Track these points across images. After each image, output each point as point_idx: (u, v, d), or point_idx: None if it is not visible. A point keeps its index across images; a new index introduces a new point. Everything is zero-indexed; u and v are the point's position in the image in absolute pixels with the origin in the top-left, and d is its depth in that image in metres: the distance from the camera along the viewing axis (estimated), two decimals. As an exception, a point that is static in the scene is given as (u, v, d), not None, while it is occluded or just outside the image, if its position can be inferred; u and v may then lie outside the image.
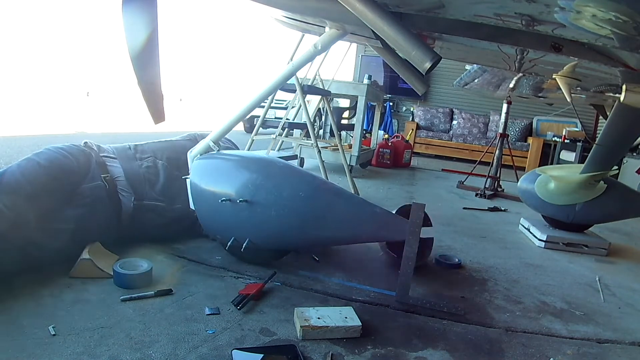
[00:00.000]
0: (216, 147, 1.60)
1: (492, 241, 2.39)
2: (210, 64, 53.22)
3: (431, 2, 1.15)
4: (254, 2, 1.45)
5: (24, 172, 1.35)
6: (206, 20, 77.37)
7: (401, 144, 5.48)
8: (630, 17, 0.89)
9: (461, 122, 7.76)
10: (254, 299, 1.31)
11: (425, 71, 1.09)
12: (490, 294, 1.62)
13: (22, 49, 17.95)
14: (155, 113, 1.43)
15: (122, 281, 1.31)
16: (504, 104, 3.85)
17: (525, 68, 1.99)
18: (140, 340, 1.05)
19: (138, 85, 1.35)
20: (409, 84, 2.27)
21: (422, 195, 3.65)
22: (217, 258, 1.63)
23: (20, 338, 1.00)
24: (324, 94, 3.52)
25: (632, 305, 1.67)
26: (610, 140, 2.19)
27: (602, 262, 2.21)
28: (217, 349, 1.05)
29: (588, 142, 5.88)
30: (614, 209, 2.38)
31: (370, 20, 1.10)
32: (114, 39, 18.91)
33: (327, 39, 1.52)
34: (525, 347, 1.25)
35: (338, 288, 1.50)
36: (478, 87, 3.13)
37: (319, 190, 1.42)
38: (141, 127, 6.82)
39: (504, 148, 3.97)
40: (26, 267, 1.30)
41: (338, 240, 1.59)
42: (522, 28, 1.14)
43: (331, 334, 1.15)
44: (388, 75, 7.90)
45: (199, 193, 1.55)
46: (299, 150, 3.87)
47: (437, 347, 1.18)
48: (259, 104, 1.68)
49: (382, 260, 1.85)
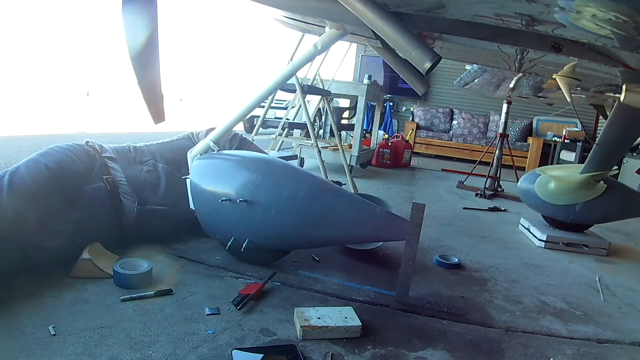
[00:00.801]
0: (216, 147, 1.60)
1: (492, 241, 2.39)
2: (210, 64, 53.23)
3: (431, 2, 1.15)
4: (254, 2, 1.45)
5: (32, 175, 1.35)
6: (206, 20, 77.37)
7: (401, 144, 5.48)
8: (630, 17, 0.89)
9: (461, 122, 7.76)
10: (254, 299, 1.31)
11: (425, 71, 1.09)
12: (490, 294, 1.62)
13: (22, 49, 17.95)
14: (155, 113, 1.43)
15: (122, 281, 1.31)
16: (504, 104, 3.85)
17: (525, 68, 1.99)
18: (140, 340, 1.05)
19: (138, 85, 1.35)
20: (409, 84, 2.27)
21: (422, 195, 3.65)
22: (217, 258, 1.63)
23: (20, 338, 1.00)
24: (324, 94, 3.52)
25: (632, 305, 1.67)
26: (610, 140, 2.19)
27: (602, 262, 2.21)
28: (217, 349, 1.05)
29: (588, 142, 5.88)
30: (614, 209, 2.38)
31: (370, 20, 1.10)
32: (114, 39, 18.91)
33: (327, 39, 1.52)
34: (525, 347, 1.25)
35: (338, 288, 1.50)
36: (478, 87, 3.13)
37: (319, 190, 1.42)
38: (141, 127, 6.82)
39: (504, 148, 3.97)
40: (25, 268, 1.30)
41: (338, 240, 1.59)
42: (522, 28, 1.14)
43: (331, 334, 1.15)
44: (388, 75, 7.90)
45: (199, 193, 1.55)
46: (299, 150, 3.87)
47: (437, 347, 1.18)
48: (259, 104, 1.68)
49: (382, 260, 1.86)
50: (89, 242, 1.42)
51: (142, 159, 1.71)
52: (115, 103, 13.35)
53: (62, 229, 1.38)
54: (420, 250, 2.02)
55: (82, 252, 1.37)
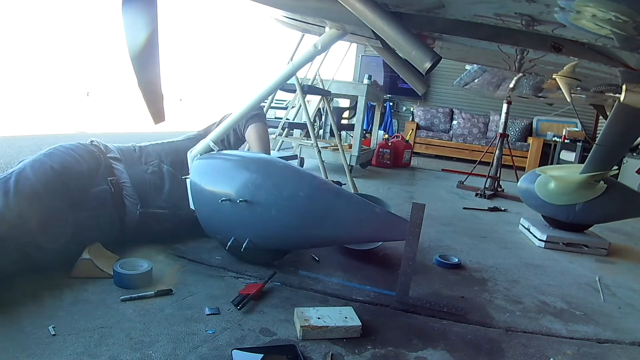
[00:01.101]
0: (216, 147, 1.60)
1: (492, 241, 2.39)
2: (210, 64, 53.20)
3: (431, 2, 1.15)
4: (254, 2, 1.45)
5: (38, 177, 1.34)
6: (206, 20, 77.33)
7: (401, 144, 5.48)
8: (630, 17, 0.89)
9: (461, 122, 7.76)
10: (254, 299, 1.31)
11: (425, 71, 1.09)
12: (490, 294, 1.62)
13: (22, 49, 17.95)
14: (155, 113, 1.43)
15: (122, 281, 1.31)
16: (504, 104, 3.85)
17: (525, 68, 1.99)
18: (140, 340, 1.05)
19: (138, 85, 1.35)
20: (409, 84, 2.27)
21: (422, 195, 3.65)
22: (217, 258, 1.63)
23: (20, 338, 1.00)
24: (324, 94, 3.52)
25: (632, 305, 1.67)
26: (610, 140, 2.19)
27: (602, 262, 2.21)
28: (217, 349, 1.05)
29: (588, 142, 5.88)
30: (614, 209, 2.38)
31: (370, 20, 1.10)
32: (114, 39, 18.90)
33: (327, 39, 1.52)
34: (525, 347, 1.25)
35: (338, 288, 1.50)
36: (478, 87, 3.12)
37: (319, 190, 1.42)
38: (141, 127, 6.82)
39: (504, 148, 3.97)
40: (26, 268, 1.30)
41: (338, 240, 1.59)
42: (522, 28, 1.14)
43: (331, 334, 1.15)
44: (388, 75, 7.90)
45: (199, 193, 1.55)
46: (299, 150, 3.87)
47: (437, 347, 1.18)
48: (259, 104, 1.68)
49: (382, 260, 1.86)
50: (90, 243, 1.42)
51: (147, 159, 1.71)
52: (115, 103, 13.35)
53: (63, 229, 1.38)
54: (420, 250, 2.02)
55: (82, 252, 1.37)
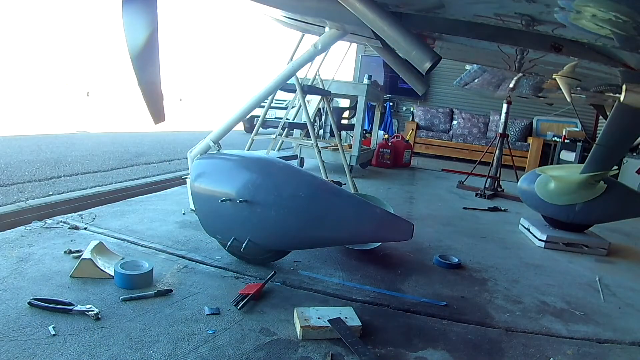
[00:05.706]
0: (216, 147, 1.60)
1: (492, 241, 2.39)
2: (210, 64, 53.19)
3: (431, 2, 1.15)
4: (254, 2, 1.45)
5: None
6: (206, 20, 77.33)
7: (401, 144, 5.48)
8: (630, 17, 0.89)
9: (461, 122, 7.76)
10: (254, 299, 1.31)
11: (425, 71, 1.09)
12: (490, 294, 1.62)
13: (22, 49, 17.94)
14: (155, 113, 1.43)
15: (122, 281, 1.31)
16: (504, 104, 3.85)
17: (525, 68, 1.99)
18: (140, 340, 1.05)
19: (138, 85, 1.35)
20: (409, 84, 2.27)
21: (422, 196, 3.65)
22: (217, 258, 1.63)
23: (20, 338, 1.00)
24: (324, 94, 3.52)
25: (632, 305, 1.67)
26: (610, 140, 2.19)
27: (602, 262, 2.21)
28: (217, 349, 1.05)
29: (588, 142, 5.87)
30: (614, 209, 2.38)
31: (370, 20, 1.10)
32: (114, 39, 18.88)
33: (327, 39, 1.52)
34: (525, 347, 1.25)
35: (338, 288, 1.50)
36: (478, 87, 3.13)
37: (319, 190, 1.42)
38: (141, 127, 6.82)
39: (504, 148, 3.97)
40: None
41: (338, 240, 1.59)
42: (522, 28, 1.14)
43: (331, 334, 1.15)
44: (388, 75, 7.89)
45: (199, 193, 1.55)
46: (299, 150, 3.86)
47: (437, 347, 1.18)
48: (259, 104, 1.68)
49: (382, 260, 1.85)
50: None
51: None
52: (116, 103, 13.35)
53: None
54: (420, 250, 2.02)
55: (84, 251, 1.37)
